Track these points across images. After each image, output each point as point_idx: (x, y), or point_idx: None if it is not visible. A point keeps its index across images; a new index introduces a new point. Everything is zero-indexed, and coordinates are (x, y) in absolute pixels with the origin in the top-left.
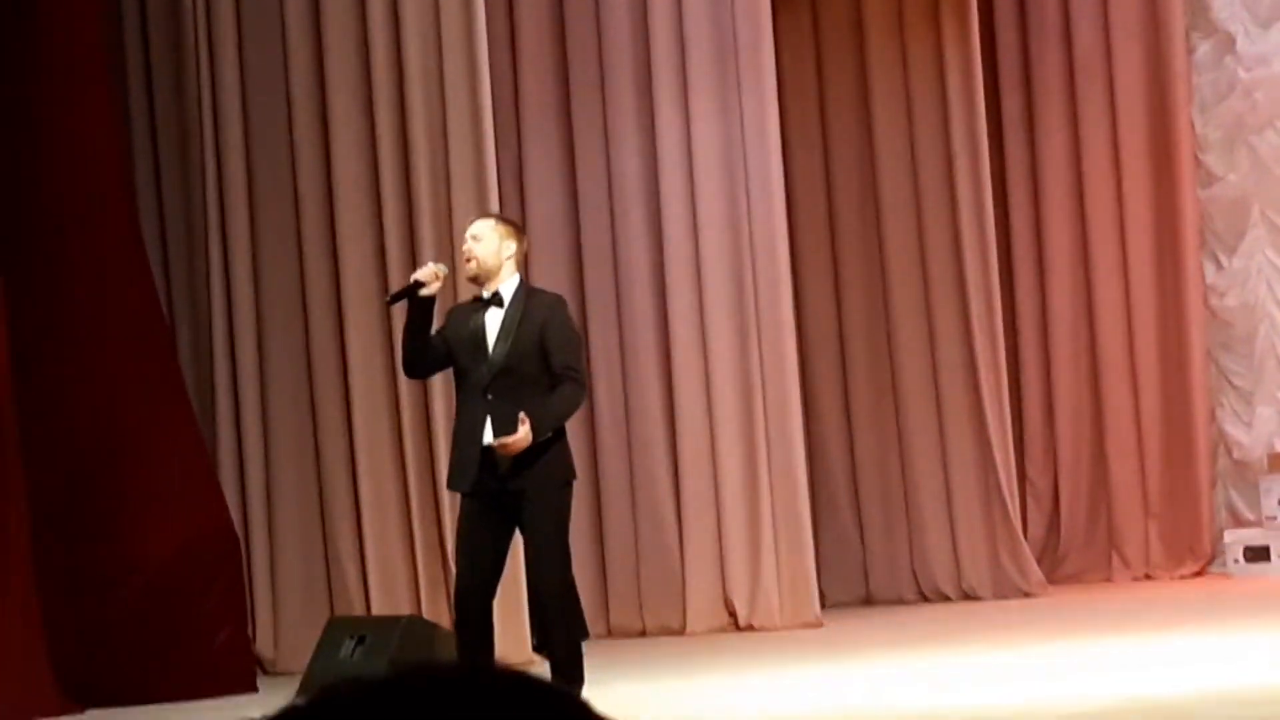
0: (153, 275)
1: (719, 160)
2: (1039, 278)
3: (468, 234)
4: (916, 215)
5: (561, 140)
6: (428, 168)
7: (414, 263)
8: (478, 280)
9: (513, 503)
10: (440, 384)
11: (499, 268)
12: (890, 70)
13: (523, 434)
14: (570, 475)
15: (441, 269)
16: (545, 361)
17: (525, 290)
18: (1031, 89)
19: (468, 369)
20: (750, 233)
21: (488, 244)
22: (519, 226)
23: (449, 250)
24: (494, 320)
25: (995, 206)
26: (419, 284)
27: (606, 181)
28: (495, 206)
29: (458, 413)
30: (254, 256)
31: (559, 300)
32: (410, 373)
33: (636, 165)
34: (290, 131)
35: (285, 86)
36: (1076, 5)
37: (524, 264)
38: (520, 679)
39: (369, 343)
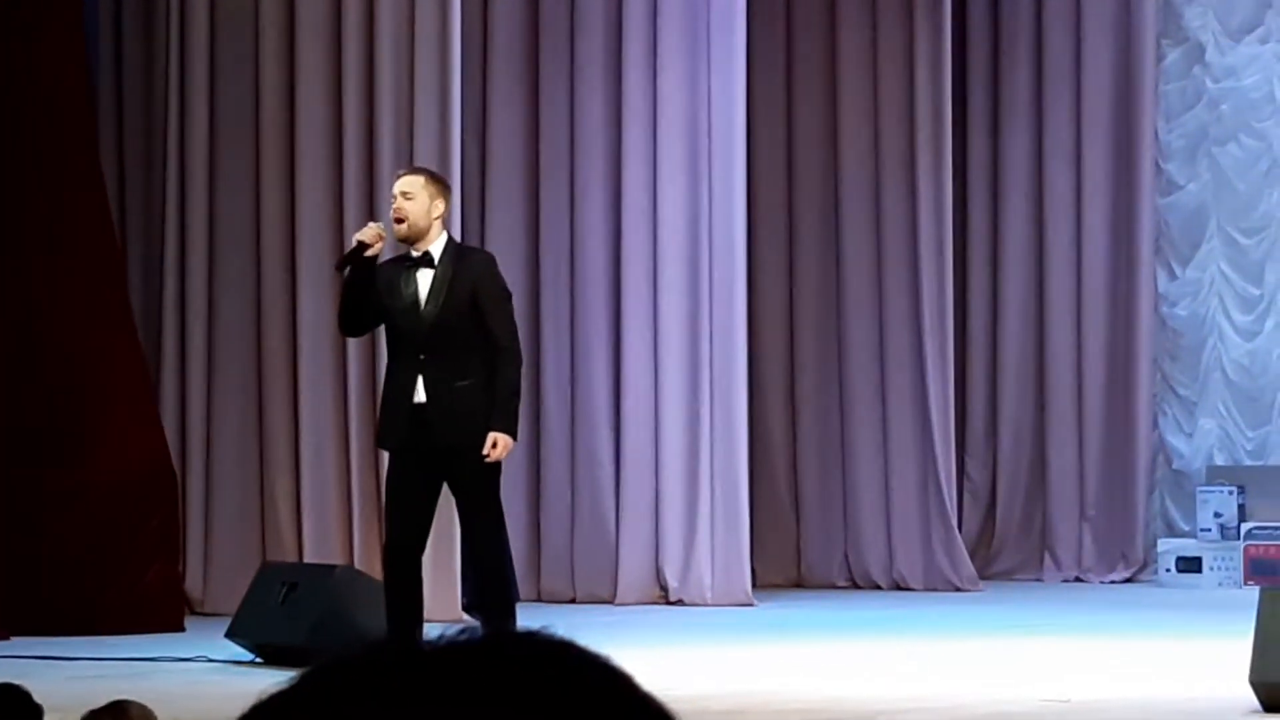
0: (109, 204)
1: (683, 138)
2: (992, 275)
3: (396, 189)
4: (875, 206)
5: (526, 99)
6: (391, 115)
7: (371, 212)
8: (408, 240)
9: (444, 461)
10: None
11: (429, 228)
12: (859, 61)
13: (501, 441)
14: None
15: (383, 228)
16: (478, 320)
17: (454, 249)
18: (999, 86)
19: (400, 328)
20: (709, 213)
21: (419, 203)
22: (446, 183)
23: None
24: (425, 280)
25: (954, 202)
26: (363, 245)
27: (569, 145)
28: (457, 158)
29: (389, 371)
30: (210, 198)
31: (489, 259)
32: (348, 331)
33: (600, 132)
34: (256, 74)
35: (254, 30)
36: (1049, 5)
37: (461, 219)
38: (560, 647)
39: (319, 291)
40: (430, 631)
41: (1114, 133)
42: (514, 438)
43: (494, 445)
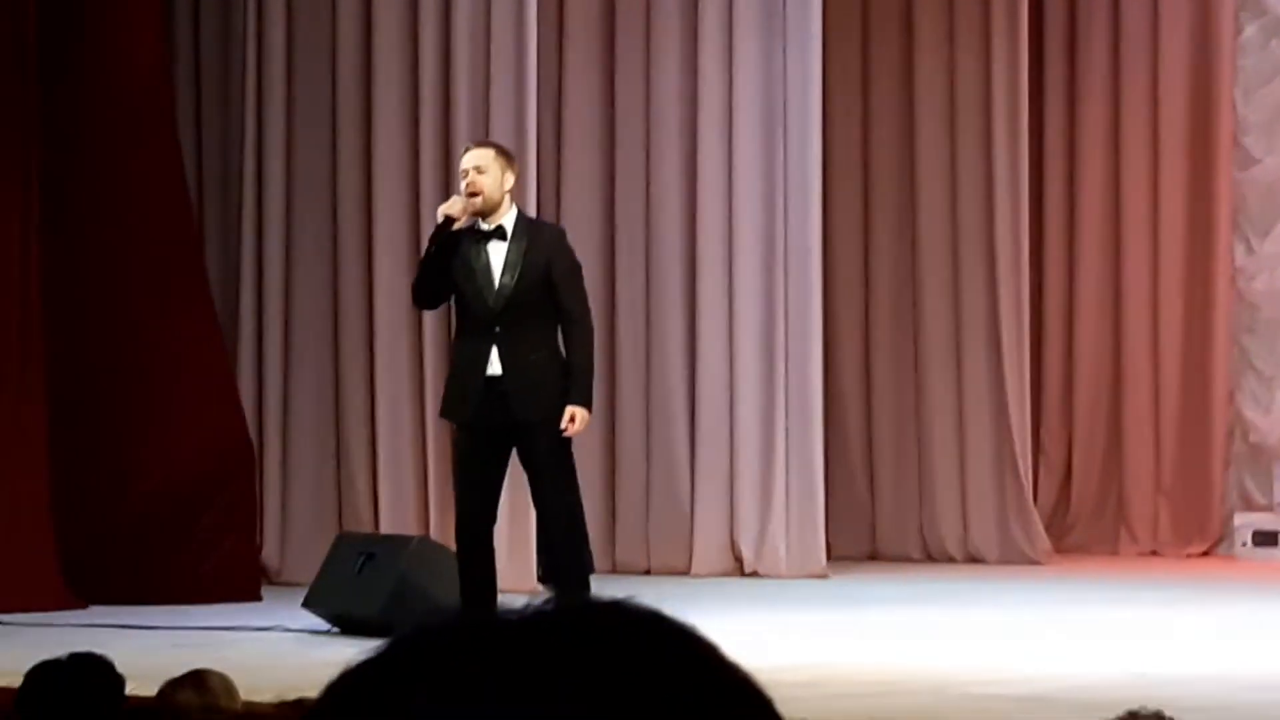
0: (187, 185)
1: (758, 113)
2: (1068, 248)
3: (468, 164)
4: (951, 181)
5: (602, 75)
6: (468, 90)
7: (447, 187)
8: (481, 214)
9: (516, 433)
10: None
11: (501, 200)
12: (935, 36)
13: (580, 415)
14: None
15: (467, 200)
16: (550, 293)
17: (525, 222)
18: (1075, 60)
19: (472, 302)
20: (784, 188)
21: (492, 176)
22: (513, 155)
23: None
24: (497, 253)
25: (1030, 175)
26: (450, 220)
27: (644, 121)
28: (533, 135)
29: (458, 343)
30: (288, 175)
31: (561, 232)
32: (422, 304)
33: (675, 107)
34: (333, 51)
35: (332, 16)
36: None
37: (536, 195)
38: (646, 616)
39: (396, 266)
40: (508, 602)
41: (1191, 106)
42: (590, 410)
43: (571, 419)
